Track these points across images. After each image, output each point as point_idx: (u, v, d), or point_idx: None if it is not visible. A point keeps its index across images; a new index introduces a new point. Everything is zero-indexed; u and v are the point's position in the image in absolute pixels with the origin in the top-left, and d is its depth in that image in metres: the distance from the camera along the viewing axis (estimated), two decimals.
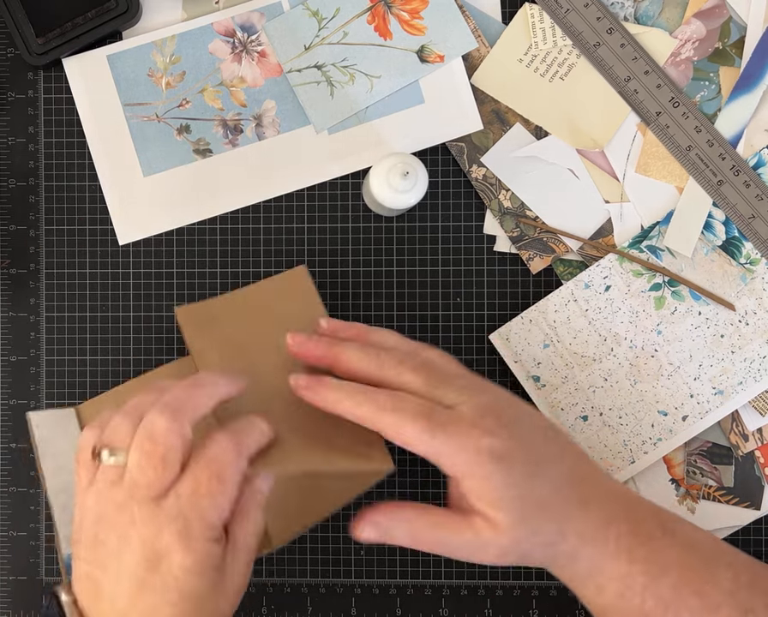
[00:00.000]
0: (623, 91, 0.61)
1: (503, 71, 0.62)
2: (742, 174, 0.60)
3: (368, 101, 0.61)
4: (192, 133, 0.62)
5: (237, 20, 0.62)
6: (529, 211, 0.61)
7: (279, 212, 0.62)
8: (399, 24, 0.61)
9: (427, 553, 0.52)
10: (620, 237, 0.61)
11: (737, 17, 0.61)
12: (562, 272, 0.62)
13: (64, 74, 0.62)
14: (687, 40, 0.61)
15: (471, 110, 0.62)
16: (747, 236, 0.60)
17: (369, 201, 0.60)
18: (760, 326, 0.60)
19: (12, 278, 0.62)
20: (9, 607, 0.62)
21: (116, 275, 0.62)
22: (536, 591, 0.62)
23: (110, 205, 0.62)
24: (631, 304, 0.61)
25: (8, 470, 0.62)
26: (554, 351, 0.61)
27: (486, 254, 0.62)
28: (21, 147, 0.62)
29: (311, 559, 0.63)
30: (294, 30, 0.61)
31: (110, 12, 0.60)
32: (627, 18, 0.61)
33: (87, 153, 0.62)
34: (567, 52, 0.61)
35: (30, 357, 0.62)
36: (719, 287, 0.61)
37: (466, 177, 0.62)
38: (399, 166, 0.55)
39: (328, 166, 0.62)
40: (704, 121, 0.60)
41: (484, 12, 0.62)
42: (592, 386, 0.61)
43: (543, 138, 0.62)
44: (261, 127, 0.62)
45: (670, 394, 0.61)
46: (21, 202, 0.62)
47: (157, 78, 0.62)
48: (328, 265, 0.62)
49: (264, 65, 0.61)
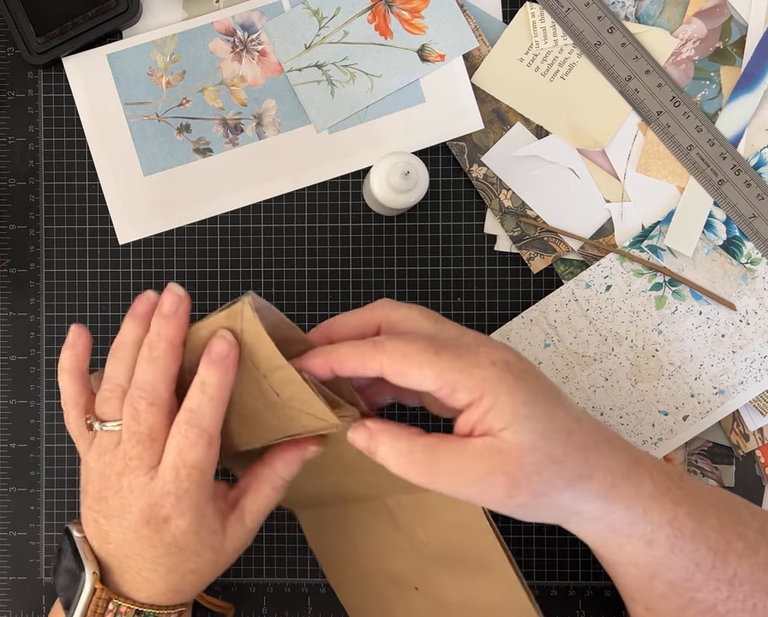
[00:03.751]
0: (624, 90, 0.61)
1: (504, 70, 0.61)
2: (743, 173, 0.60)
3: (368, 100, 0.61)
4: (192, 132, 0.61)
5: (237, 19, 0.61)
6: (530, 210, 0.61)
7: (279, 212, 0.62)
8: (400, 23, 0.61)
9: None
10: (620, 237, 0.61)
11: (738, 16, 0.61)
12: (563, 271, 0.62)
13: (64, 73, 0.62)
14: (687, 40, 0.61)
15: (471, 109, 0.61)
16: (747, 236, 0.60)
17: (370, 201, 0.60)
18: (761, 326, 0.60)
19: (12, 278, 0.62)
20: (9, 607, 0.62)
21: (116, 275, 0.62)
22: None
23: (110, 205, 0.62)
24: (632, 304, 0.61)
25: (8, 470, 0.62)
26: (554, 351, 0.61)
27: (487, 253, 0.62)
28: (20, 147, 0.62)
29: (311, 559, 0.62)
30: (294, 29, 0.61)
31: (110, 11, 0.60)
32: (628, 17, 0.61)
33: (86, 153, 0.62)
34: (567, 52, 0.61)
35: (30, 357, 0.62)
36: (720, 287, 0.61)
37: (467, 177, 0.62)
38: (400, 166, 0.54)
39: (328, 166, 0.62)
40: (705, 120, 0.60)
41: (485, 11, 0.62)
42: (593, 385, 0.61)
43: (543, 137, 0.61)
44: (261, 126, 0.62)
45: (671, 394, 0.61)
46: (21, 202, 0.62)
47: (157, 77, 0.61)
48: (328, 264, 0.62)
49: (264, 64, 0.61)
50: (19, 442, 0.62)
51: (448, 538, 0.53)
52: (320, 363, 0.45)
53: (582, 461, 0.42)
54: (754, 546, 0.46)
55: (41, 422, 0.62)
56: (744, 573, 0.45)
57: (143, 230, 0.62)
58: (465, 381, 0.42)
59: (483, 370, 0.42)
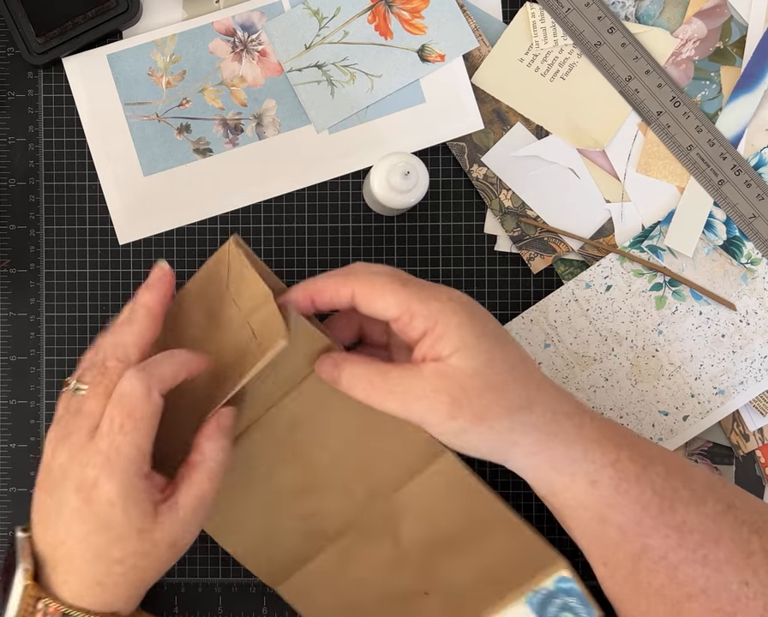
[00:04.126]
0: (624, 90, 0.61)
1: (504, 70, 0.61)
2: (743, 173, 0.60)
3: (368, 100, 0.61)
4: (192, 132, 0.61)
5: (237, 19, 0.61)
6: (530, 210, 0.61)
7: (279, 212, 0.62)
8: (400, 23, 0.61)
9: None
10: (620, 237, 0.61)
11: (738, 17, 0.61)
12: (563, 271, 0.62)
13: (64, 73, 0.62)
14: (687, 40, 0.61)
15: (471, 109, 0.61)
16: (747, 236, 0.60)
17: (370, 201, 0.60)
18: (761, 326, 0.60)
19: (12, 278, 0.62)
20: None
21: (116, 275, 0.62)
22: None
23: (110, 205, 0.62)
24: (632, 304, 0.61)
25: (8, 470, 0.62)
26: (554, 351, 0.61)
27: (487, 253, 0.62)
28: (20, 147, 0.62)
29: None
30: (294, 29, 0.61)
31: (110, 11, 0.60)
32: (628, 17, 0.61)
33: (87, 153, 0.62)
34: (567, 52, 0.61)
35: (30, 357, 0.62)
36: (720, 287, 0.61)
37: (467, 177, 0.62)
38: (400, 166, 0.54)
39: (328, 166, 0.62)
40: (705, 120, 0.60)
41: (485, 11, 0.62)
42: (593, 385, 0.61)
43: (543, 137, 0.61)
44: (261, 126, 0.62)
45: (671, 394, 0.61)
46: (21, 202, 0.62)
47: (157, 77, 0.61)
48: (329, 265, 0.62)
49: (264, 64, 0.61)
50: (19, 442, 0.62)
51: (440, 519, 0.54)
52: (302, 295, 0.49)
53: (522, 392, 0.46)
54: (701, 496, 0.47)
55: (41, 423, 0.62)
56: (693, 521, 0.46)
57: (143, 230, 0.62)
58: (422, 310, 0.46)
59: (439, 303, 0.47)
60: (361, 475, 0.54)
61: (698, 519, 0.46)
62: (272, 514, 0.55)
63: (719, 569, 0.46)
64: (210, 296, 0.52)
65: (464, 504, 0.53)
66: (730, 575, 0.46)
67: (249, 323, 0.49)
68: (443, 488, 0.53)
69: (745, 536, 0.46)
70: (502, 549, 0.53)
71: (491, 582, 0.53)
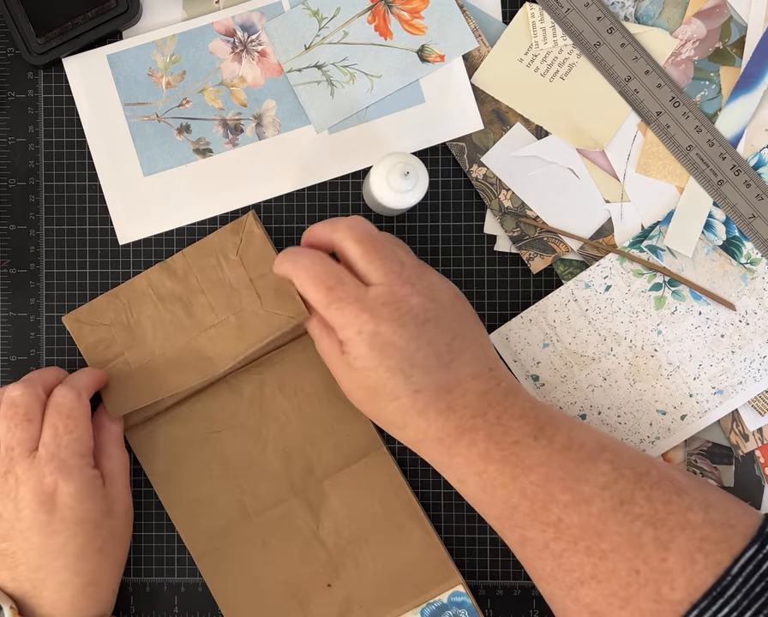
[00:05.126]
0: (623, 90, 0.61)
1: (504, 71, 0.61)
2: (743, 174, 0.60)
3: (368, 101, 0.61)
4: (192, 132, 0.62)
5: (237, 19, 0.61)
6: (529, 210, 0.62)
7: (278, 212, 0.62)
8: (400, 23, 0.61)
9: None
10: (620, 237, 0.61)
11: (738, 17, 0.61)
12: (563, 271, 0.62)
13: (64, 73, 0.62)
14: (687, 40, 0.61)
15: (471, 109, 0.61)
16: (747, 236, 0.60)
17: (369, 201, 0.60)
18: (761, 326, 0.60)
19: (12, 278, 0.62)
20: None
21: (116, 275, 0.62)
22: (536, 591, 0.62)
23: (110, 205, 0.62)
24: (631, 304, 0.61)
25: None
26: (553, 351, 0.61)
27: (486, 253, 0.62)
28: (21, 147, 0.62)
29: None
30: (294, 29, 0.61)
31: (110, 12, 0.60)
32: (628, 18, 0.61)
33: (87, 153, 0.62)
34: (567, 52, 0.61)
35: (30, 357, 0.62)
36: (719, 287, 0.61)
37: (467, 177, 0.62)
38: (400, 166, 0.54)
39: (328, 166, 0.62)
40: (704, 120, 0.60)
41: (485, 11, 0.62)
42: (591, 385, 0.61)
43: (543, 138, 0.62)
44: (261, 126, 0.62)
45: (669, 394, 0.61)
46: (21, 202, 0.62)
47: (157, 78, 0.61)
48: None
49: (264, 65, 0.61)
50: None
51: (360, 512, 0.59)
52: (303, 242, 0.56)
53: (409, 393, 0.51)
54: (587, 498, 0.49)
55: None
56: (572, 520, 0.48)
57: (143, 230, 0.62)
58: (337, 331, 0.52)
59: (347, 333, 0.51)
60: (305, 444, 0.60)
61: (578, 518, 0.48)
62: (210, 481, 0.60)
63: (604, 558, 0.48)
64: (216, 253, 0.59)
65: (385, 501, 0.59)
66: (618, 563, 0.48)
67: (254, 285, 0.58)
68: (370, 480, 0.59)
69: (636, 529, 0.48)
70: (410, 557, 0.59)
71: (393, 588, 0.59)
